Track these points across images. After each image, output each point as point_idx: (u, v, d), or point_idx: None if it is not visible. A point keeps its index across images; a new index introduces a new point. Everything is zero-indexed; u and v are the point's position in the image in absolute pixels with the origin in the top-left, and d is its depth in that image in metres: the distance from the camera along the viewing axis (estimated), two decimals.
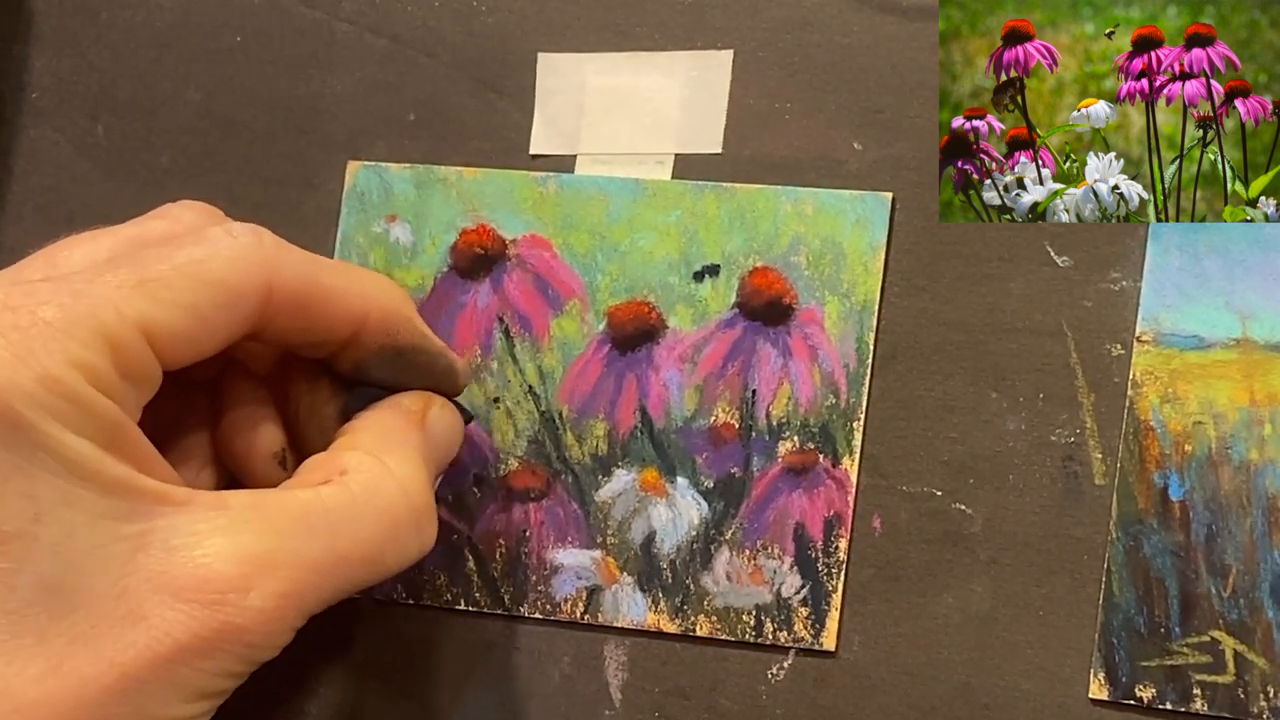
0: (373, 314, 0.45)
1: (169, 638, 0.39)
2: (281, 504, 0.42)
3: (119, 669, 0.39)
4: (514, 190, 0.51)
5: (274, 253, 0.43)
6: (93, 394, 0.39)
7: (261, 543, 0.41)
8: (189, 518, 0.40)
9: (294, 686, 0.50)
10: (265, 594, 0.40)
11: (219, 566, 0.40)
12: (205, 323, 0.42)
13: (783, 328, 0.48)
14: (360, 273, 0.46)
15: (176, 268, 0.41)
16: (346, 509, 0.42)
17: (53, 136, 0.55)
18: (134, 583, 0.39)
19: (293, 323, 0.44)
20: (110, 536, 0.39)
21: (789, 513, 0.48)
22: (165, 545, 0.40)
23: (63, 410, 0.39)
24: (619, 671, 0.48)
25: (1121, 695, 0.45)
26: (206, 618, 0.40)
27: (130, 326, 0.40)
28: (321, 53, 0.53)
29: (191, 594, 0.40)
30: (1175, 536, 0.45)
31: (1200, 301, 0.45)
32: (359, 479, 0.43)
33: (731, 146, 0.50)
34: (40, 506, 0.39)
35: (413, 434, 0.45)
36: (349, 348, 0.45)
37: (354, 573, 0.42)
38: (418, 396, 0.47)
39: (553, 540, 0.49)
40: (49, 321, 0.39)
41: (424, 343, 0.47)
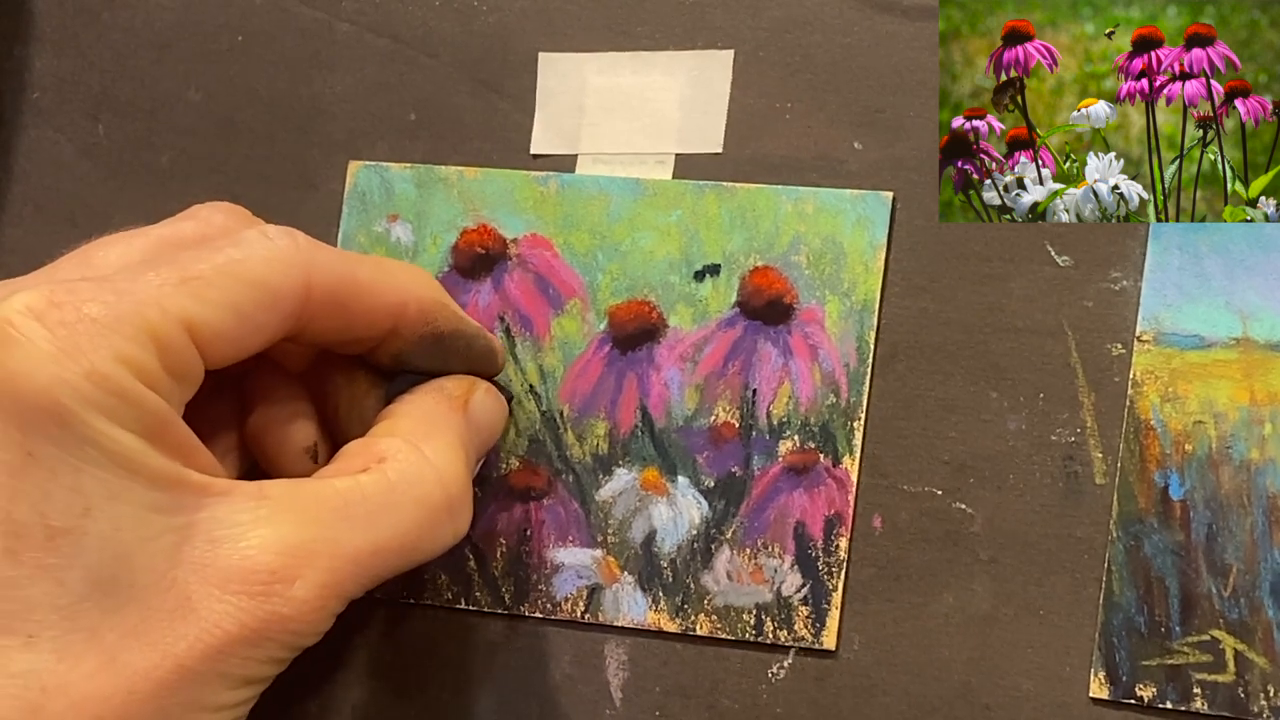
0: (410, 305, 0.45)
1: (219, 629, 0.40)
2: (320, 493, 0.42)
3: (172, 661, 0.39)
4: (515, 190, 0.51)
5: (310, 253, 0.43)
6: (140, 389, 0.39)
7: (302, 533, 0.41)
8: (230, 508, 0.41)
9: (295, 686, 0.50)
10: (308, 584, 0.41)
11: (263, 558, 0.40)
12: (247, 321, 0.42)
13: (783, 327, 0.48)
14: (392, 264, 0.46)
15: (217, 268, 0.42)
16: (384, 498, 0.43)
17: (53, 136, 0.55)
18: (181, 574, 0.40)
19: (333, 321, 0.44)
20: (157, 529, 0.40)
21: (789, 512, 0.48)
22: (210, 536, 0.40)
23: (110, 405, 0.39)
24: (619, 671, 0.48)
25: (1122, 694, 0.45)
26: (254, 608, 0.40)
27: (174, 323, 0.40)
28: (322, 53, 0.53)
29: (238, 585, 0.40)
30: (1176, 536, 0.45)
31: (1201, 301, 0.45)
32: (396, 467, 0.43)
33: (732, 146, 0.50)
34: (89, 501, 0.39)
35: (454, 419, 0.46)
36: (389, 340, 0.46)
37: (391, 560, 0.43)
38: (461, 381, 0.47)
39: (553, 539, 0.49)
40: (95, 318, 0.39)
41: (462, 326, 0.47)
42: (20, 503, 0.38)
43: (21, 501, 0.38)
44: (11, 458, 0.38)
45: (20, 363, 0.38)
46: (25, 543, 0.39)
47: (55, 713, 0.38)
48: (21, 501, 0.38)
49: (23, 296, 0.39)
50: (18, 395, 0.38)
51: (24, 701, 0.38)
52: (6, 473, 0.38)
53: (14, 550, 0.39)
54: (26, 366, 0.38)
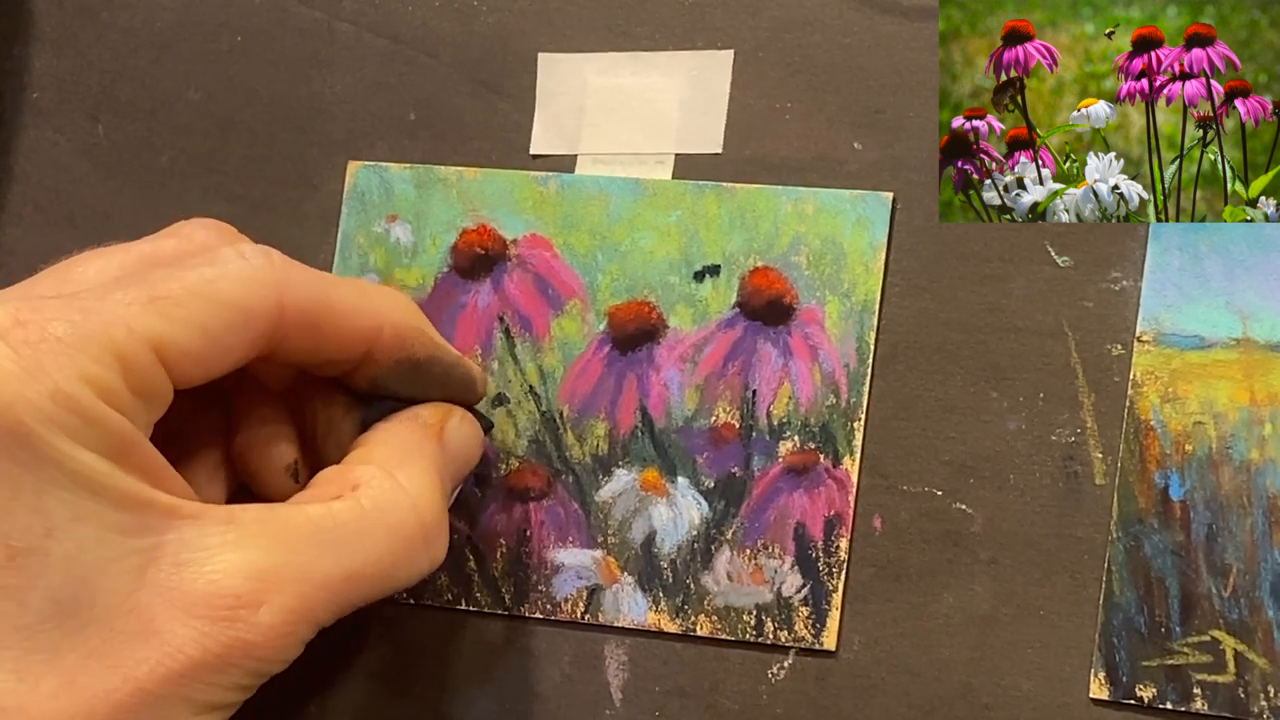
0: (386, 329, 0.45)
1: (181, 654, 0.39)
2: (291, 519, 0.42)
3: (132, 684, 0.39)
4: (514, 190, 0.51)
5: (284, 274, 0.43)
6: (103, 409, 0.39)
7: (271, 558, 0.41)
8: (199, 532, 0.40)
9: (295, 686, 0.50)
10: (275, 610, 0.40)
11: (229, 583, 0.40)
12: (216, 342, 0.42)
13: (783, 327, 0.48)
14: (371, 288, 0.46)
15: (187, 287, 0.41)
16: (357, 525, 0.42)
17: (53, 137, 0.55)
18: (145, 597, 0.39)
19: (306, 342, 0.44)
20: (121, 551, 0.39)
21: (789, 512, 0.48)
22: (175, 560, 0.40)
23: (73, 425, 0.39)
24: (619, 671, 0.48)
25: (1122, 695, 0.45)
26: (218, 634, 0.40)
27: (141, 343, 0.40)
28: (322, 53, 0.53)
29: (203, 610, 0.40)
30: (1176, 536, 0.45)
31: (1201, 301, 0.45)
32: (370, 494, 0.43)
33: (732, 146, 0.50)
34: (51, 521, 0.38)
35: (428, 447, 0.45)
36: (364, 364, 0.45)
37: (363, 588, 0.42)
38: (436, 408, 0.47)
39: (553, 540, 0.49)
40: (60, 337, 0.39)
41: (439, 354, 0.47)
42: None
43: None
44: None
45: None
46: None
47: None
48: None
49: None
50: None
51: None
52: None
53: None
54: None
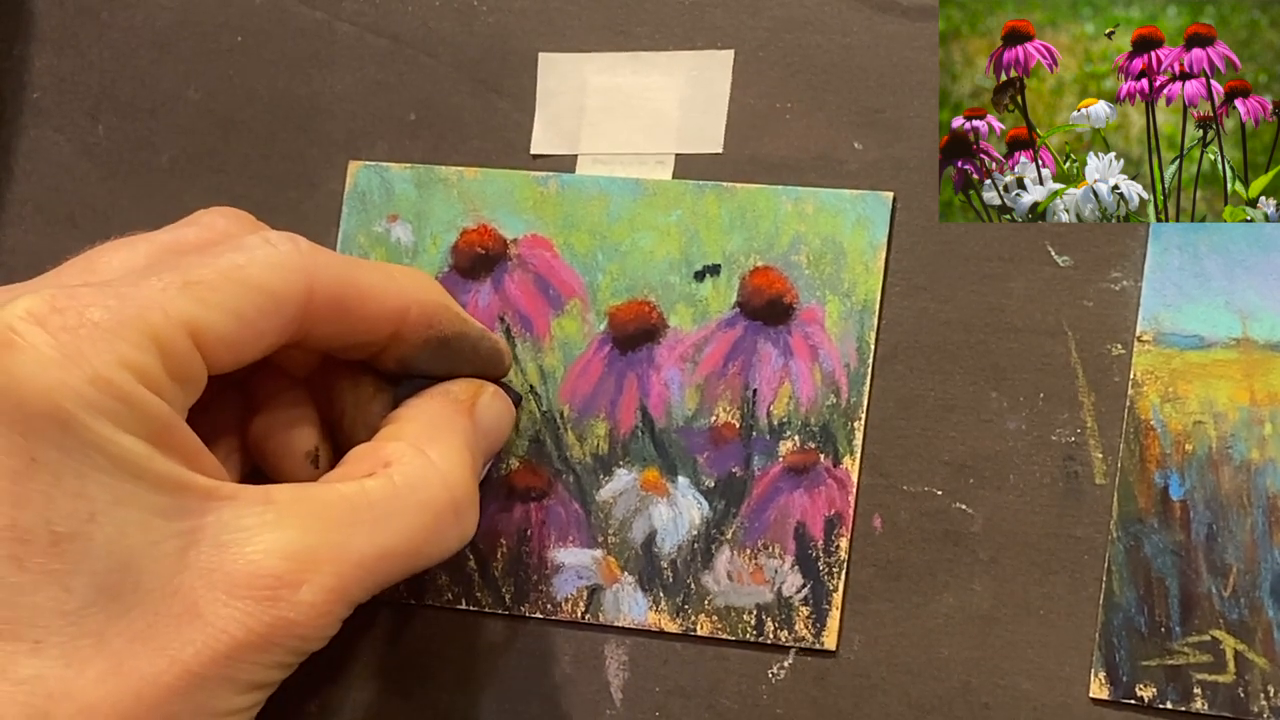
0: (412, 309, 0.45)
1: (226, 634, 0.40)
2: (326, 498, 0.42)
3: (179, 666, 0.39)
4: (515, 190, 0.51)
5: (312, 258, 0.43)
6: (143, 393, 0.39)
7: (308, 538, 0.41)
8: (236, 513, 0.41)
9: (294, 686, 0.50)
10: (315, 588, 0.41)
11: (269, 563, 0.40)
12: (249, 326, 0.42)
13: (783, 327, 0.48)
14: (394, 269, 0.46)
15: (220, 272, 0.42)
16: (389, 503, 0.43)
17: (53, 136, 0.55)
18: (187, 579, 0.40)
19: (335, 326, 0.44)
20: (163, 534, 0.40)
21: (790, 512, 0.48)
22: (215, 541, 0.40)
23: (114, 410, 0.39)
24: (620, 671, 0.49)
25: (1122, 695, 0.45)
26: (261, 614, 0.40)
27: (178, 328, 0.40)
28: (322, 53, 0.53)
29: (245, 590, 0.40)
30: (1176, 536, 0.45)
31: (1201, 301, 0.45)
32: (402, 471, 0.43)
33: (732, 146, 0.50)
34: (94, 506, 0.39)
35: (460, 422, 0.46)
36: (392, 344, 0.46)
37: (397, 565, 0.43)
38: (467, 384, 0.47)
39: (554, 539, 0.49)
40: (98, 323, 0.39)
41: (466, 328, 0.47)
42: (25, 509, 0.38)
43: (26, 508, 0.38)
44: (15, 463, 0.38)
45: (23, 368, 0.38)
46: (30, 549, 0.38)
47: (62, 718, 0.38)
48: (26, 508, 0.38)
49: (25, 301, 0.39)
50: (21, 401, 0.38)
51: (31, 708, 0.38)
52: (10, 479, 0.38)
53: (19, 556, 0.38)
54: (29, 372, 0.38)
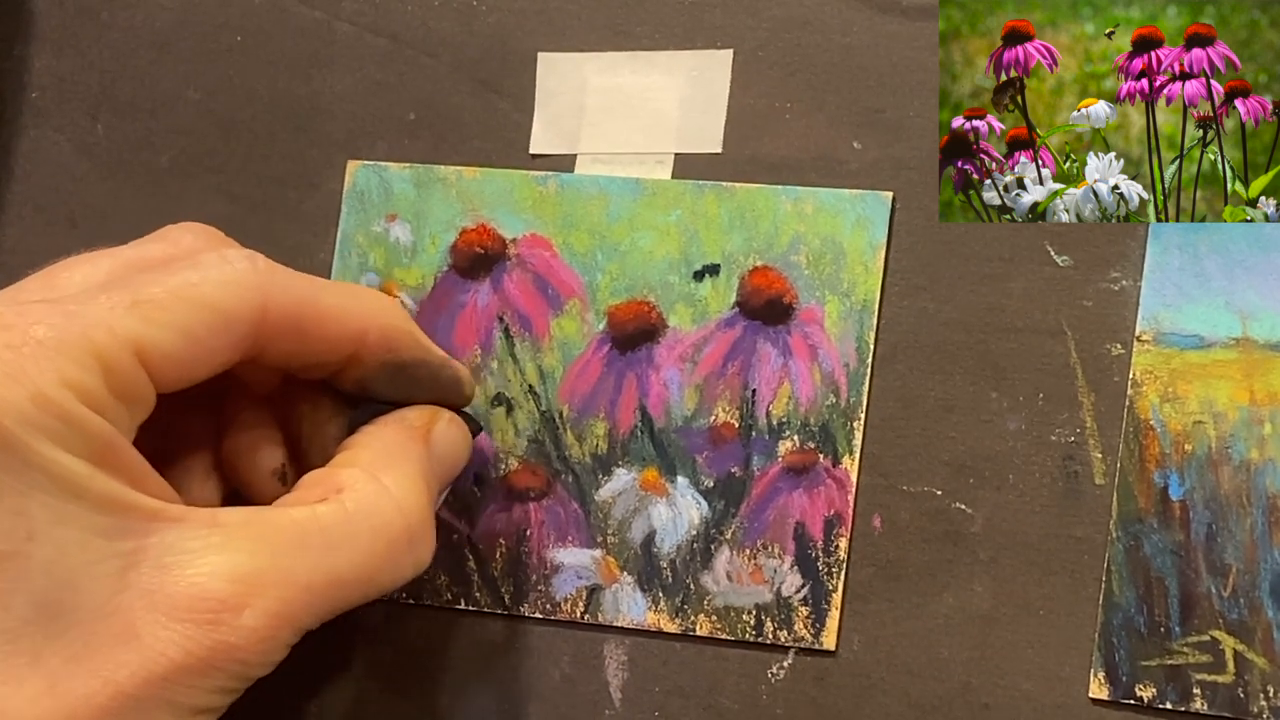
0: (372, 331, 0.45)
1: (164, 657, 0.39)
2: (275, 522, 0.42)
3: (114, 688, 0.39)
4: (514, 190, 0.51)
5: (268, 277, 0.43)
6: (84, 412, 0.39)
7: (254, 561, 0.41)
8: (181, 535, 0.40)
9: (294, 687, 0.50)
10: (258, 613, 0.40)
11: (212, 585, 0.40)
12: (198, 345, 0.42)
13: (783, 327, 0.48)
14: (357, 290, 0.46)
15: (169, 290, 0.41)
16: (341, 528, 0.42)
17: (53, 136, 0.55)
18: (127, 600, 0.39)
19: (291, 345, 0.44)
20: (103, 554, 0.39)
21: (789, 512, 0.48)
22: (158, 563, 0.40)
23: (54, 429, 0.39)
24: (619, 671, 0.48)
25: (1122, 695, 0.45)
26: (201, 637, 0.40)
27: (122, 346, 0.40)
28: (322, 52, 0.53)
29: (185, 613, 0.40)
30: (1175, 536, 0.45)
31: (1200, 301, 0.45)
32: (355, 497, 0.43)
33: (731, 146, 0.50)
34: (33, 525, 0.38)
35: (414, 449, 0.45)
36: (350, 366, 0.45)
37: (347, 592, 0.42)
38: (423, 411, 0.47)
39: (553, 540, 0.49)
40: (41, 340, 0.39)
41: (426, 355, 0.47)
42: None
43: None
44: None
45: None
46: None
47: None
48: None
49: None
50: None
51: None
52: None
53: None
54: None
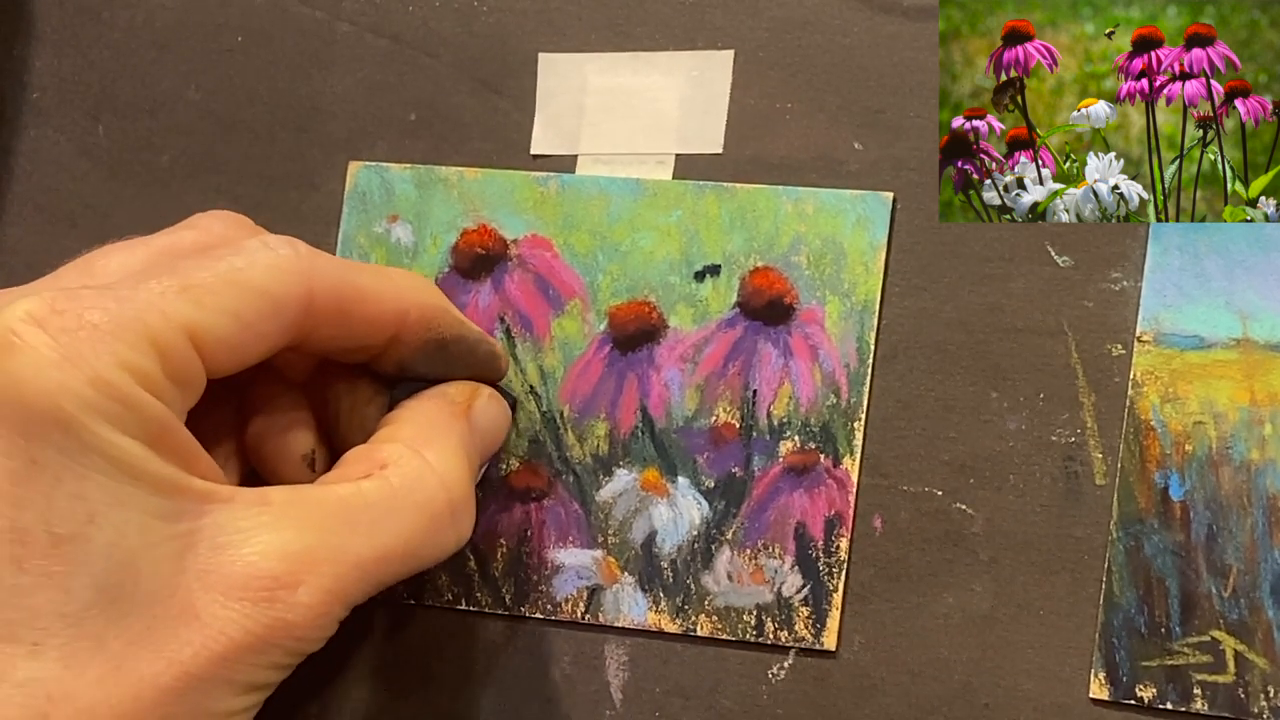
0: (412, 311, 0.45)
1: (224, 636, 0.40)
2: (322, 500, 0.42)
3: (177, 668, 0.39)
4: (515, 190, 0.51)
5: (310, 262, 0.43)
6: (142, 395, 0.40)
7: (305, 539, 0.41)
8: (233, 515, 0.41)
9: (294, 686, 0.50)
10: (313, 590, 0.41)
11: (266, 564, 0.41)
12: (248, 329, 0.42)
13: (783, 327, 0.48)
14: (393, 272, 0.47)
15: (219, 275, 0.42)
16: (386, 504, 0.43)
17: (53, 136, 0.55)
18: (185, 581, 0.40)
19: (336, 329, 0.44)
20: (161, 536, 0.40)
21: (790, 512, 0.48)
22: (213, 543, 0.40)
23: (113, 412, 0.39)
24: (620, 671, 0.49)
25: (1122, 695, 0.45)
26: (259, 615, 0.40)
27: (176, 330, 0.41)
28: (322, 53, 0.53)
29: (242, 592, 0.40)
30: (1176, 536, 0.45)
31: (1201, 301, 0.45)
32: (399, 473, 0.43)
33: (732, 146, 0.50)
34: (93, 508, 0.39)
35: (456, 424, 0.46)
36: (391, 347, 0.46)
37: (394, 566, 0.43)
38: (463, 386, 0.47)
39: (554, 540, 0.49)
40: (97, 325, 0.39)
41: (464, 330, 0.47)
42: (25, 510, 0.38)
43: (26, 509, 0.38)
44: (16, 465, 0.38)
45: (23, 369, 0.38)
46: (30, 550, 0.39)
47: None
48: (26, 509, 0.38)
49: (25, 304, 0.39)
50: (21, 402, 0.38)
51: (30, 710, 0.38)
52: (11, 480, 0.38)
53: (19, 558, 0.39)
54: (30, 373, 0.38)
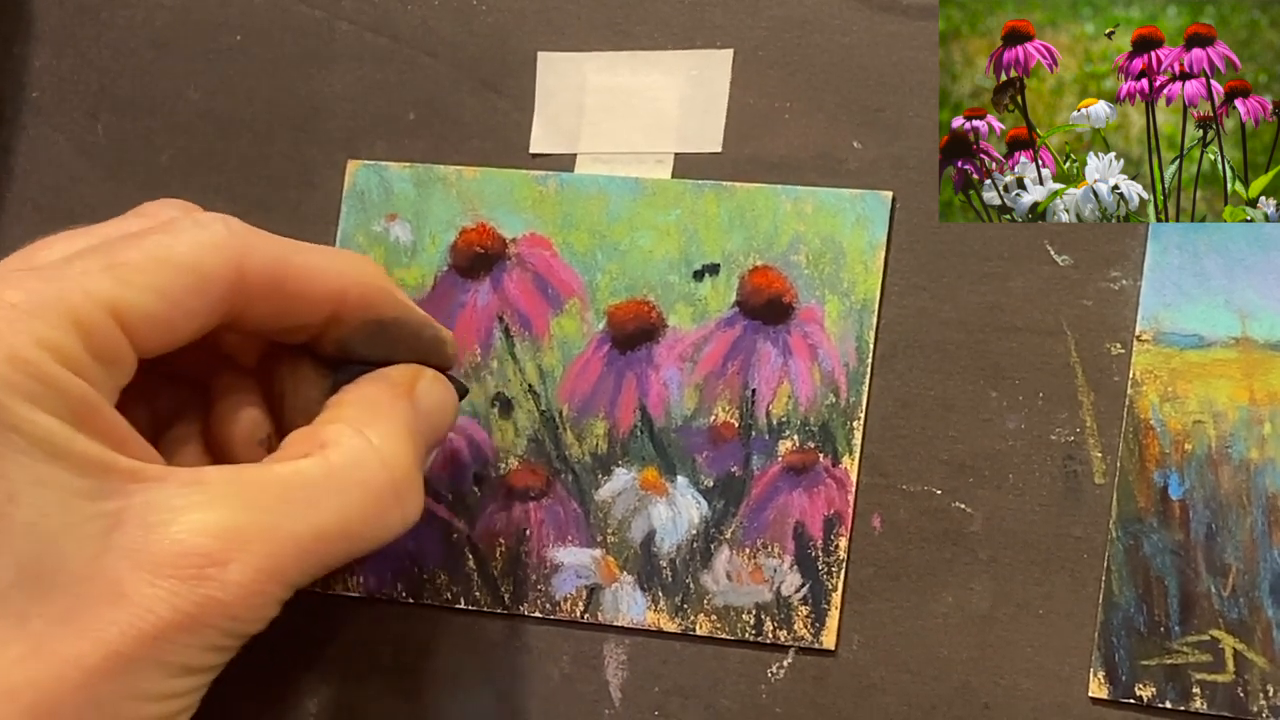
0: (350, 290, 0.45)
1: (152, 614, 0.39)
2: (259, 478, 0.42)
3: (104, 648, 0.39)
4: (514, 189, 0.51)
5: (243, 239, 0.43)
6: (62, 373, 0.39)
7: (238, 517, 0.41)
8: (164, 493, 0.40)
9: (294, 686, 0.50)
10: (244, 567, 0.40)
11: (196, 541, 0.40)
12: (175, 306, 0.42)
13: (783, 326, 0.48)
14: (333, 251, 0.46)
15: (144, 253, 0.41)
16: (325, 482, 0.42)
17: (53, 136, 0.55)
18: (111, 560, 0.39)
19: (270, 306, 0.44)
20: (85, 515, 0.39)
21: (789, 511, 0.48)
22: (142, 522, 0.40)
23: (32, 390, 0.39)
24: (619, 670, 0.48)
25: (1121, 694, 0.45)
26: (187, 593, 0.40)
27: (98, 307, 0.40)
28: (322, 52, 0.53)
29: (170, 570, 0.40)
30: (1175, 535, 0.45)
31: (1200, 301, 0.45)
32: (339, 452, 0.43)
33: (731, 145, 0.50)
34: (13, 487, 0.38)
35: (398, 405, 0.45)
36: (330, 327, 0.45)
37: (334, 546, 0.42)
38: (405, 369, 0.46)
39: (553, 539, 0.49)
40: (15, 304, 0.39)
41: (406, 314, 0.46)
42: None
43: None
44: None
45: None
46: None
47: None
48: None
49: None
50: None
51: None
52: None
53: None
54: None
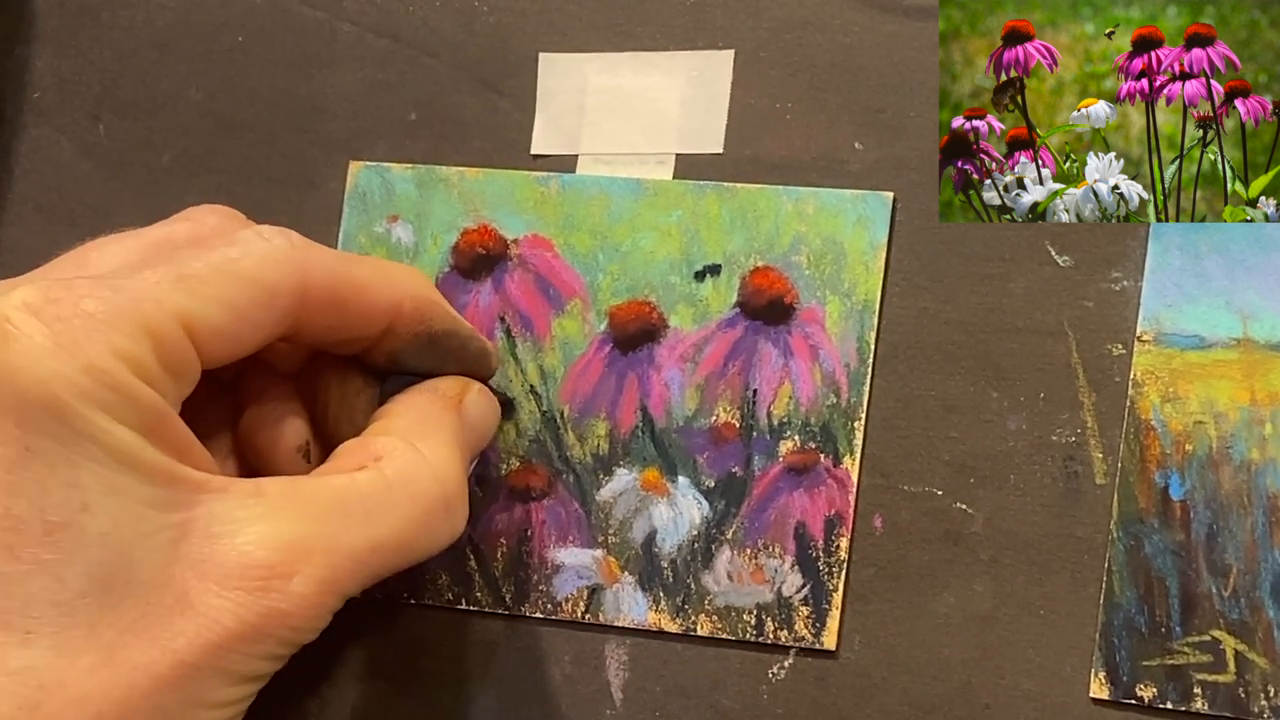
0: (405, 303, 0.46)
1: (218, 625, 0.40)
2: (317, 490, 0.42)
3: (171, 657, 0.39)
4: (515, 190, 0.51)
5: (305, 253, 0.43)
6: (136, 384, 0.40)
7: (299, 529, 0.41)
8: (227, 505, 0.41)
9: (295, 686, 0.50)
10: (307, 579, 0.41)
11: (261, 553, 0.41)
12: (243, 319, 0.42)
13: (784, 327, 0.48)
14: (388, 265, 0.47)
15: (213, 265, 0.42)
16: (381, 495, 0.43)
17: (54, 136, 0.55)
18: (179, 570, 0.40)
19: (330, 319, 0.44)
20: (155, 525, 0.40)
21: (790, 512, 0.48)
22: (207, 532, 0.40)
23: (107, 400, 0.39)
24: (620, 671, 0.48)
25: (1122, 695, 0.45)
26: (252, 604, 0.40)
27: (171, 319, 0.41)
28: (323, 53, 0.53)
29: (236, 581, 0.40)
30: (1176, 536, 0.45)
31: (1201, 301, 0.45)
32: (393, 465, 0.44)
33: (732, 146, 0.50)
34: (87, 496, 0.39)
35: (448, 418, 0.46)
36: (384, 339, 0.46)
37: (389, 558, 0.43)
38: (454, 381, 0.47)
39: (554, 539, 0.49)
40: (92, 314, 0.39)
41: (456, 326, 0.47)
42: (19, 498, 0.39)
43: (20, 497, 0.39)
44: (10, 453, 0.38)
45: (18, 358, 0.38)
46: (24, 538, 0.39)
47: (54, 709, 0.38)
48: (20, 497, 0.39)
49: (20, 293, 0.39)
50: (16, 390, 0.38)
51: (22, 698, 0.38)
52: (5, 468, 0.38)
53: (12, 546, 0.39)
54: (24, 361, 0.38)
